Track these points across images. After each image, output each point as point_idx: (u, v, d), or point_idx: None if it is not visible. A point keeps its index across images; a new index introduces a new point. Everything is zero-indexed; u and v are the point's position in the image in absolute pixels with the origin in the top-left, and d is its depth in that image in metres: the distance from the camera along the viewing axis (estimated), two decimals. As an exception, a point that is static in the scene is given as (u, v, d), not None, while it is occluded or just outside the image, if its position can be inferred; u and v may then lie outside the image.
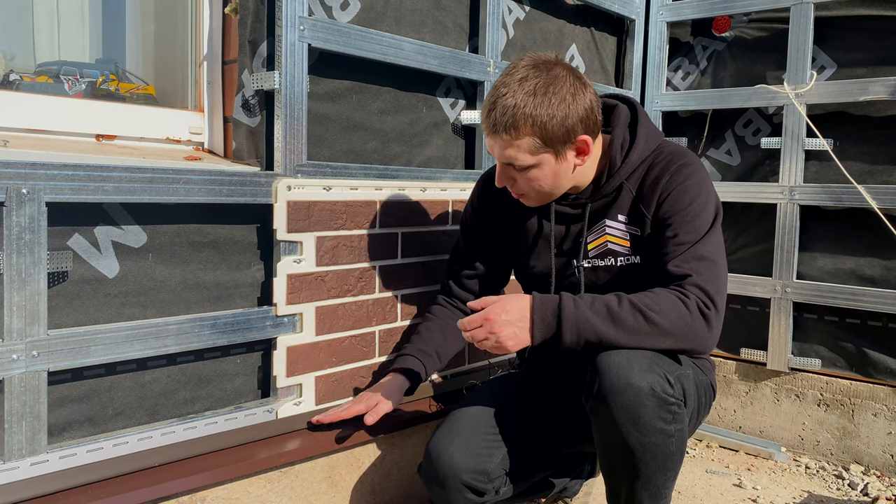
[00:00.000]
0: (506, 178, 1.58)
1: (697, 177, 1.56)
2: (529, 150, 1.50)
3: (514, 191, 1.61)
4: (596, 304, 1.43)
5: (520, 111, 1.46)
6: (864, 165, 2.44)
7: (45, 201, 1.33)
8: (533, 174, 1.54)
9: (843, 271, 2.48)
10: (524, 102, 1.46)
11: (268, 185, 1.66)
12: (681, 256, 1.49)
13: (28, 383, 1.34)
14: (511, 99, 1.47)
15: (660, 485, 1.46)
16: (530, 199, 1.63)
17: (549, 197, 1.62)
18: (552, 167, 1.53)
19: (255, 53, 1.69)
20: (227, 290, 1.66)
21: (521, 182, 1.57)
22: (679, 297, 1.44)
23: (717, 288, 1.47)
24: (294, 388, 1.75)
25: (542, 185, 1.56)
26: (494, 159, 1.59)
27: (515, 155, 1.51)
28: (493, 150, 1.55)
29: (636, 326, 1.41)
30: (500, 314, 1.44)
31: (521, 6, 2.36)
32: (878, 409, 2.39)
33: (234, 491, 1.59)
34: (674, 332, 1.42)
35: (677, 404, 1.41)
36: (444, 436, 1.58)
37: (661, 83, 2.84)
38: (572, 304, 1.43)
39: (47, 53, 1.71)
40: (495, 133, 1.50)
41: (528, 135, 1.48)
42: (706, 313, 1.44)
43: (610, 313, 1.42)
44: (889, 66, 2.39)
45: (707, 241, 1.51)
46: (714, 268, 1.48)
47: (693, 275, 1.46)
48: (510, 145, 1.50)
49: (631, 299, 1.43)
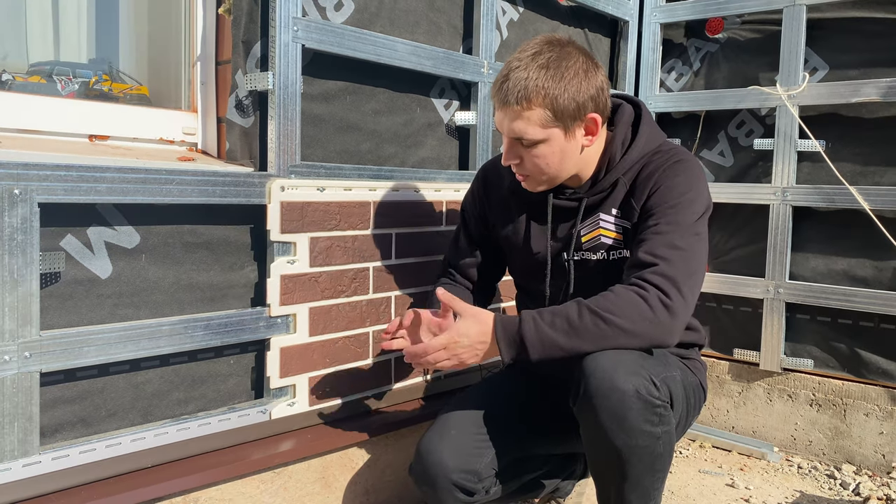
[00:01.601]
0: (513, 155, 1.56)
1: (690, 174, 1.57)
2: (540, 123, 1.49)
3: (520, 171, 1.59)
4: (557, 321, 1.43)
5: (532, 83, 1.47)
6: (856, 167, 2.45)
7: (38, 202, 1.33)
8: (541, 150, 1.52)
9: (835, 272, 2.49)
10: (537, 75, 1.47)
11: (261, 185, 1.66)
12: (654, 244, 1.48)
13: (20, 384, 1.33)
14: (524, 72, 1.47)
15: (648, 486, 1.46)
16: (533, 182, 1.61)
17: (552, 181, 1.60)
18: (560, 144, 1.52)
19: (248, 54, 1.69)
20: (221, 290, 1.66)
21: (527, 161, 1.55)
22: (637, 292, 1.43)
23: (686, 275, 1.45)
24: (287, 388, 1.75)
25: (548, 164, 1.54)
26: (503, 133, 1.56)
27: (525, 128, 1.50)
28: (501, 125, 1.54)
29: (599, 332, 1.41)
30: (461, 338, 1.46)
31: (515, 7, 2.36)
32: (870, 409, 2.41)
33: (227, 492, 1.59)
34: (637, 331, 1.41)
35: (663, 406, 1.41)
36: (435, 435, 1.59)
37: (654, 84, 2.85)
38: (532, 325, 1.43)
39: (40, 53, 1.71)
40: (506, 105, 1.49)
41: (539, 106, 1.48)
42: (667, 303, 1.42)
43: (571, 326, 1.41)
44: (881, 67, 2.40)
45: (685, 233, 1.49)
46: (686, 258, 1.47)
47: (660, 263, 1.45)
48: (520, 117, 1.49)
49: (590, 306, 1.42)
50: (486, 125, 2.21)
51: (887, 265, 2.39)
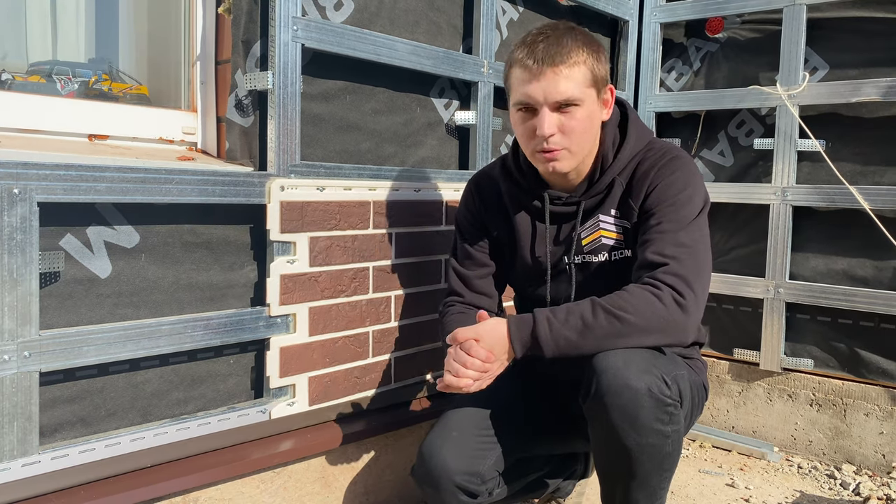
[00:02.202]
0: (553, 124, 1.50)
1: (686, 170, 1.57)
2: (583, 82, 1.49)
3: (552, 144, 1.51)
4: (571, 319, 1.42)
5: (572, 41, 1.49)
6: (856, 166, 2.45)
7: (37, 201, 1.33)
8: (580, 114, 1.50)
9: (835, 272, 2.49)
10: (573, 36, 1.50)
11: (261, 185, 1.66)
12: (661, 244, 1.48)
13: (19, 384, 1.33)
14: (558, 35, 1.49)
15: (655, 485, 1.46)
16: (567, 159, 1.54)
17: (575, 158, 1.55)
18: (590, 108, 1.52)
19: (248, 53, 1.69)
20: (221, 290, 1.66)
21: (567, 128, 1.50)
22: (651, 291, 1.43)
23: (696, 273, 1.46)
24: (287, 388, 1.75)
25: (585, 130, 1.52)
26: (538, 103, 1.49)
27: (567, 88, 1.48)
28: (542, 92, 1.48)
29: (614, 331, 1.40)
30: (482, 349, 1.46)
31: (515, 7, 2.36)
32: (870, 408, 2.40)
33: (227, 491, 1.59)
34: (652, 329, 1.41)
35: (674, 405, 1.41)
36: (437, 437, 1.58)
37: (654, 84, 2.85)
38: (546, 324, 1.42)
39: (40, 53, 1.71)
40: (552, 65, 1.47)
41: (583, 64, 1.49)
42: (681, 302, 1.42)
43: (585, 325, 1.41)
44: (881, 67, 2.40)
45: (689, 230, 1.50)
46: (694, 255, 1.47)
47: (671, 262, 1.45)
48: (567, 77, 1.48)
49: (604, 305, 1.42)
50: (486, 125, 2.21)
51: (887, 265, 2.39)
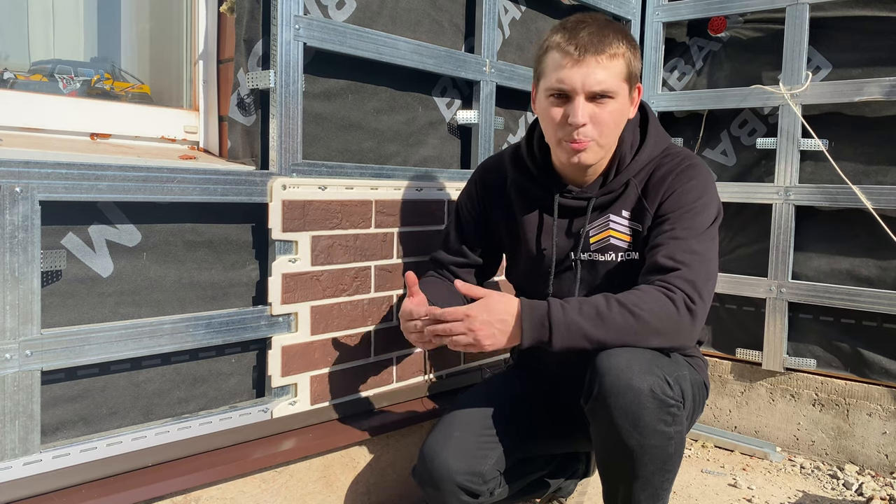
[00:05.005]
0: (585, 114, 1.49)
1: (702, 178, 1.57)
2: (619, 76, 1.50)
3: (583, 135, 1.50)
4: (584, 308, 1.42)
5: (613, 33, 1.50)
6: (859, 166, 2.44)
7: (39, 200, 1.33)
8: (612, 107, 1.50)
9: (838, 271, 2.49)
10: (614, 28, 1.51)
11: (263, 184, 1.66)
12: (674, 249, 1.48)
13: (21, 382, 1.33)
14: (600, 25, 1.50)
15: (658, 486, 1.46)
16: (594, 150, 1.53)
17: (601, 151, 1.55)
18: (622, 103, 1.53)
19: (250, 52, 1.69)
20: (222, 289, 1.66)
21: (599, 119, 1.50)
22: (665, 293, 1.43)
23: (706, 281, 1.47)
24: (289, 387, 1.75)
25: (616, 123, 1.53)
26: (574, 90, 1.48)
27: (606, 78, 1.48)
28: (579, 80, 1.47)
29: (625, 326, 1.40)
30: (481, 313, 1.40)
31: (517, 6, 2.36)
32: (873, 409, 2.40)
33: (228, 491, 1.58)
34: (662, 330, 1.42)
35: (677, 406, 1.40)
36: (439, 437, 1.58)
37: (656, 83, 2.84)
38: (560, 309, 1.41)
39: (42, 52, 1.71)
40: (595, 53, 1.47)
41: (622, 57, 1.50)
42: (691, 307, 1.43)
43: (599, 315, 1.41)
44: (884, 66, 2.39)
45: (702, 238, 1.51)
46: (705, 263, 1.48)
47: (682, 268, 1.46)
48: (606, 67, 1.48)
49: (619, 299, 1.42)
50: (488, 124, 2.21)
51: (890, 265, 2.38)
